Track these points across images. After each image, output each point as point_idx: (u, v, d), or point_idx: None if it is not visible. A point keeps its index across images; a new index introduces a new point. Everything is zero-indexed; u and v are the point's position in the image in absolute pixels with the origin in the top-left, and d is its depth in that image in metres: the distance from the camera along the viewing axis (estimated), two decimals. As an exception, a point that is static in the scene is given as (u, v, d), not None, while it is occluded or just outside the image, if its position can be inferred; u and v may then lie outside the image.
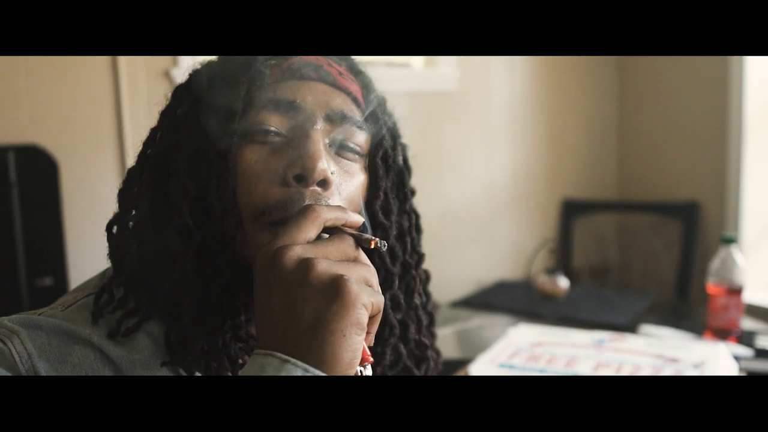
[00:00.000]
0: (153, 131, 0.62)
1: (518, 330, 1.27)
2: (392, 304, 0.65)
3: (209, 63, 0.63)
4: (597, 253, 2.86)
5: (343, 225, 0.50)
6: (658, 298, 1.96)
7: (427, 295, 0.71)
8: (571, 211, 2.85)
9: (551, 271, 1.85)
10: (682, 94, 2.56)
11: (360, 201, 0.60)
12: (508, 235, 2.76)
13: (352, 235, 0.50)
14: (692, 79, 2.50)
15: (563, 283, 1.82)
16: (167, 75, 1.99)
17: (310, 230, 0.48)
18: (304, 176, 0.55)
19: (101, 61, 1.94)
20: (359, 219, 0.52)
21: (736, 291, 1.36)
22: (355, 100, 0.61)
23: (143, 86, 1.99)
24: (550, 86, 2.78)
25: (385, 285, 0.64)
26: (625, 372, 1.02)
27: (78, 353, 0.53)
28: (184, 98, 0.61)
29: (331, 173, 0.56)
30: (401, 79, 2.42)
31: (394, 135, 0.66)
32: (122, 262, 0.58)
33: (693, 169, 2.53)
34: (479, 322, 1.69)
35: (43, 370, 0.51)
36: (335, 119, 0.58)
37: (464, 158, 2.63)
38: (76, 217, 1.92)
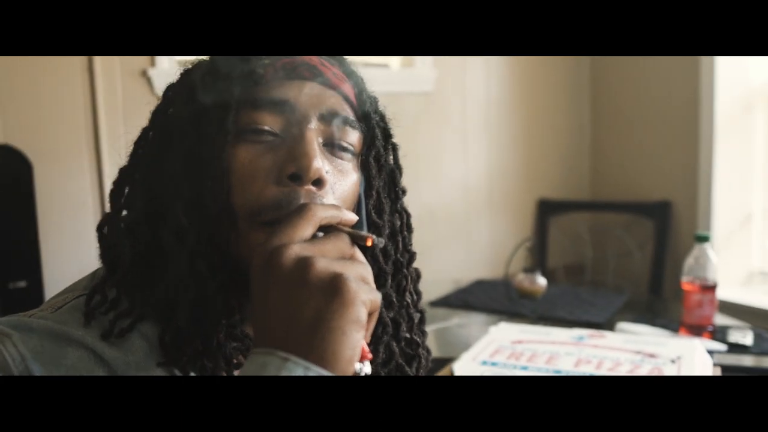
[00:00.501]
0: (145, 131, 0.62)
1: (499, 328, 1.29)
2: (385, 302, 0.65)
3: (201, 62, 0.62)
4: (572, 252, 2.91)
5: (338, 223, 0.51)
6: (633, 296, 1.99)
7: (418, 293, 0.71)
8: (547, 210, 2.89)
9: (529, 270, 1.86)
10: (654, 95, 2.62)
11: (354, 200, 0.60)
12: (486, 234, 2.79)
13: (347, 233, 0.50)
14: (664, 80, 2.55)
15: (542, 281, 1.84)
16: (144, 75, 1.97)
17: (306, 229, 0.49)
18: (299, 175, 0.55)
19: (76, 61, 1.91)
20: (354, 217, 0.52)
21: (709, 288, 1.39)
22: (348, 100, 0.61)
23: (119, 86, 1.96)
24: (525, 87, 2.81)
25: (378, 283, 0.64)
26: (606, 367, 1.04)
27: (72, 355, 0.52)
28: (176, 98, 0.60)
29: (326, 172, 0.57)
30: (379, 79, 2.42)
31: (386, 135, 0.66)
32: (115, 263, 0.58)
33: (665, 169, 2.59)
34: (458, 321, 1.70)
35: (37, 372, 0.50)
36: (329, 118, 0.59)
37: (441, 158, 2.65)
38: (51, 219, 1.88)
